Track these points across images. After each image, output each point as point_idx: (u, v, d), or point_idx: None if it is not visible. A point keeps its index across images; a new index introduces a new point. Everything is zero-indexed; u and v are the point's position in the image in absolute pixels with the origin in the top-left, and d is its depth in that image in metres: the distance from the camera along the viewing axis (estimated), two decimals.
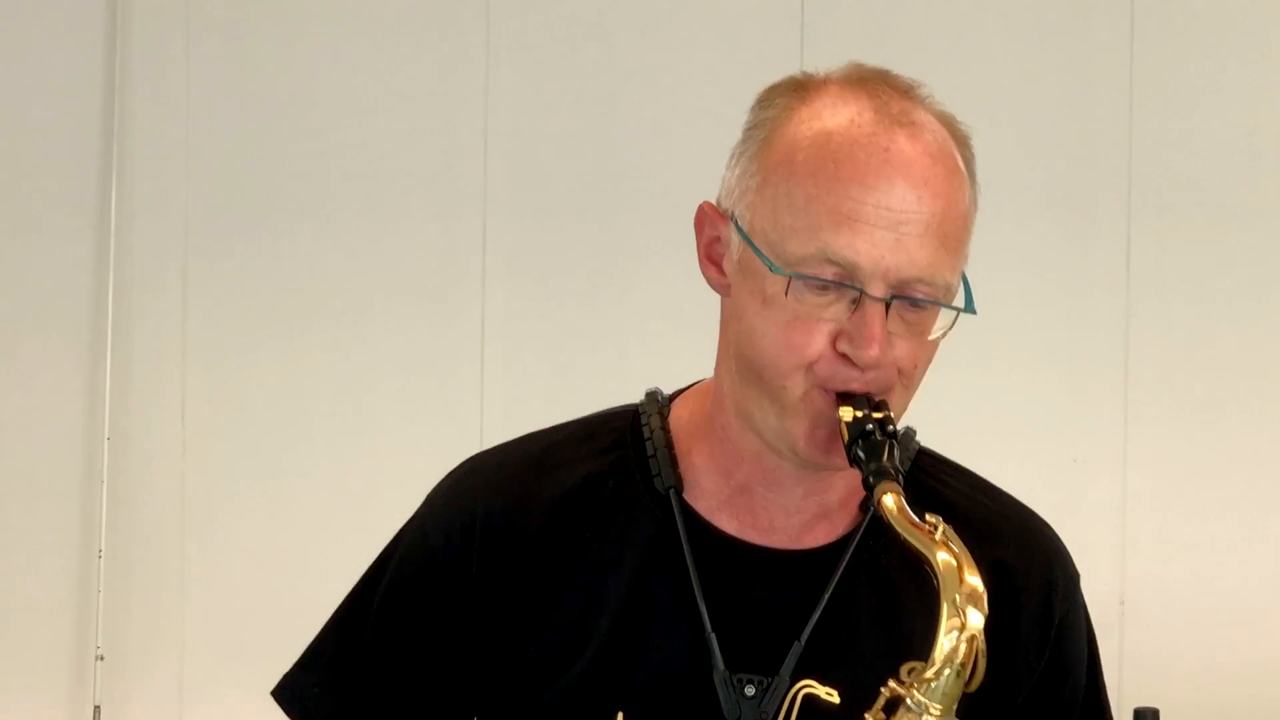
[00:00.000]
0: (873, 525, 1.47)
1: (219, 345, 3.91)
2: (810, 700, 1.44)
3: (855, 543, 1.48)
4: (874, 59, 1.46)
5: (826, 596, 1.46)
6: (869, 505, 1.42)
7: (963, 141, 1.44)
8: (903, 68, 1.46)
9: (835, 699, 1.44)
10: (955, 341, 1.58)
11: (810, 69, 1.46)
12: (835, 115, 1.40)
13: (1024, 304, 3.73)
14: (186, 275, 3.90)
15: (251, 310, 3.90)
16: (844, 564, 1.47)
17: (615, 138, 3.85)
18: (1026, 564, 1.53)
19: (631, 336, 3.77)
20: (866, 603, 1.48)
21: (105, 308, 3.89)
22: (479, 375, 3.84)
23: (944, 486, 1.54)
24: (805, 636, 1.44)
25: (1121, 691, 3.87)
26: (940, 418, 1.58)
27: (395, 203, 3.87)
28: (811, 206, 1.37)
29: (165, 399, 3.90)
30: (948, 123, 1.44)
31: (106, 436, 3.88)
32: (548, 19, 3.88)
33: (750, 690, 1.44)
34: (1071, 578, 1.57)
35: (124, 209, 3.90)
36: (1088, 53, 3.78)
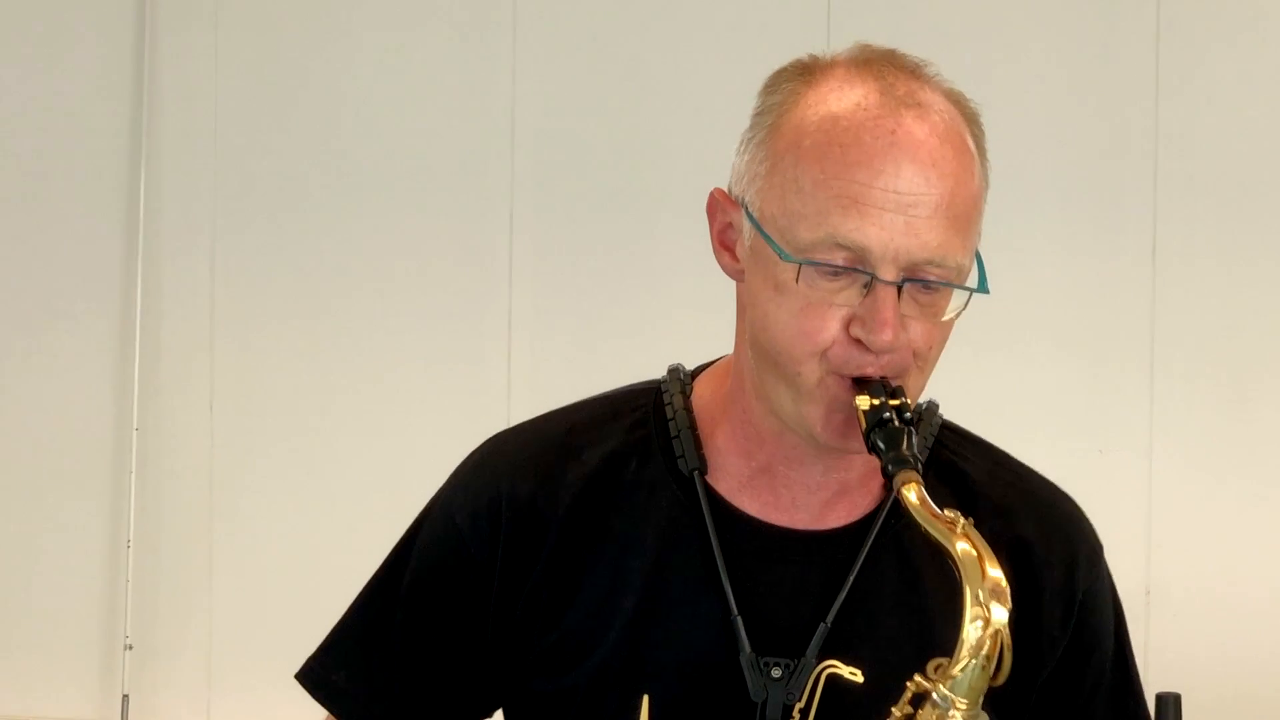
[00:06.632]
0: (895, 504, 1.45)
1: (246, 336, 3.92)
2: (834, 680, 1.43)
3: (879, 523, 1.48)
4: (898, 48, 1.45)
5: (851, 578, 1.45)
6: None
7: (972, 119, 1.42)
8: (928, 58, 1.45)
9: (859, 678, 1.42)
10: (981, 330, 1.58)
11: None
12: (841, 99, 1.38)
13: (1050, 294, 3.72)
14: (214, 268, 3.92)
15: (278, 302, 3.91)
16: (868, 544, 1.46)
17: (639, 129, 3.85)
18: (1047, 540, 1.52)
19: (655, 327, 3.77)
20: (889, 583, 1.48)
21: (134, 300, 3.90)
22: (506, 365, 3.84)
23: (965, 463, 1.53)
24: (831, 618, 1.44)
25: (1146, 681, 3.87)
26: (965, 407, 1.58)
27: (422, 194, 3.88)
28: (820, 191, 1.36)
29: (193, 390, 3.91)
30: (956, 101, 1.42)
31: (135, 427, 3.90)
32: (573, 10, 3.88)
33: (777, 672, 1.43)
34: (1095, 550, 1.56)
35: (152, 203, 3.92)
36: (1113, 41, 3.76)
